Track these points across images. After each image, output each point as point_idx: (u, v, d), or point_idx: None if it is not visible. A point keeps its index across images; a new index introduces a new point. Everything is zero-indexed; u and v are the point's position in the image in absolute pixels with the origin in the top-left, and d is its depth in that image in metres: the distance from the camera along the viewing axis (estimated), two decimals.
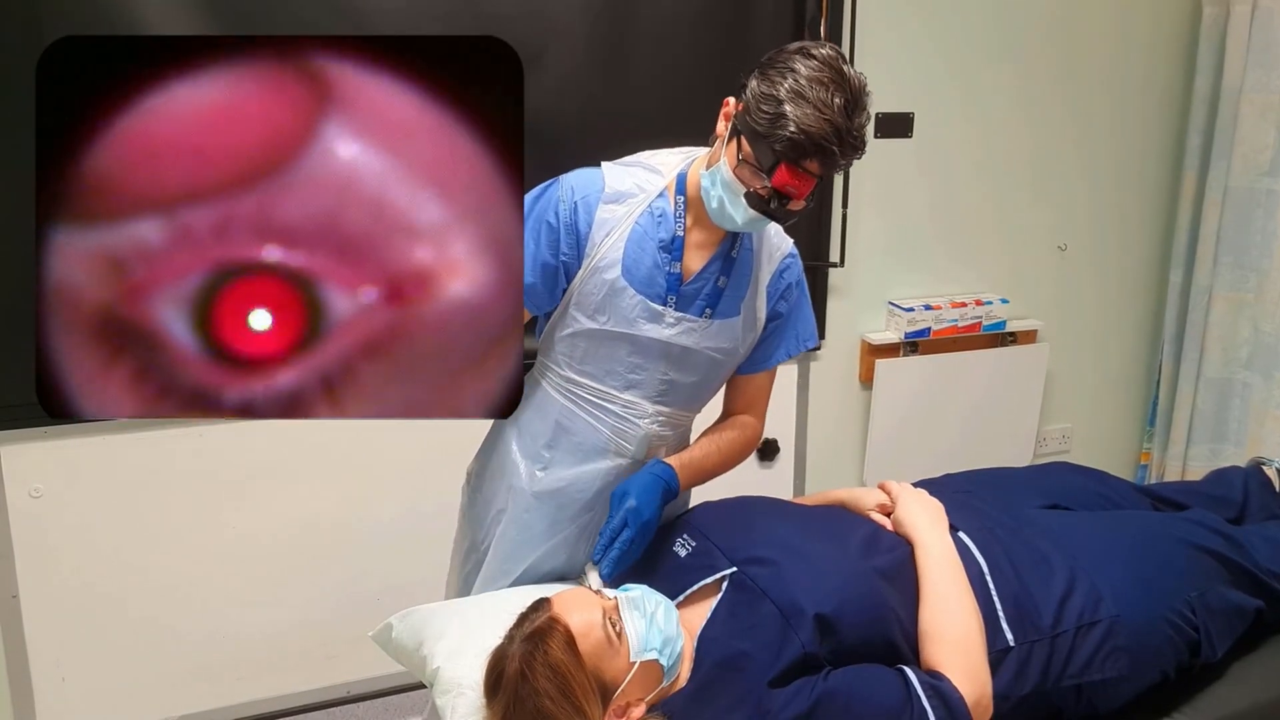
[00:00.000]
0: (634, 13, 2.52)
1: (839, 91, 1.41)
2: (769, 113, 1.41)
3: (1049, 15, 3.08)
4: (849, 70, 1.43)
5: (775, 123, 1.41)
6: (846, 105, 1.41)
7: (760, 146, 1.44)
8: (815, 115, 1.39)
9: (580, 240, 1.61)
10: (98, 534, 2.39)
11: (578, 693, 1.33)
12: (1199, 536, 1.70)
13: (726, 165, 1.50)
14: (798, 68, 1.42)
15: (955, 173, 3.09)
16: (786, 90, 1.40)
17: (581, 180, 1.65)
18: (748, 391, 1.81)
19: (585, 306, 1.63)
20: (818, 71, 1.41)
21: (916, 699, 1.36)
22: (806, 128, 1.39)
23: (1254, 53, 3.06)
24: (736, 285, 1.67)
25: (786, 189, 1.45)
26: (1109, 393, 3.56)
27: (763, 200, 1.48)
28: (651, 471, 1.65)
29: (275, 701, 2.64)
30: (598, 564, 1.57)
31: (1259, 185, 3.11)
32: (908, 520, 1.64)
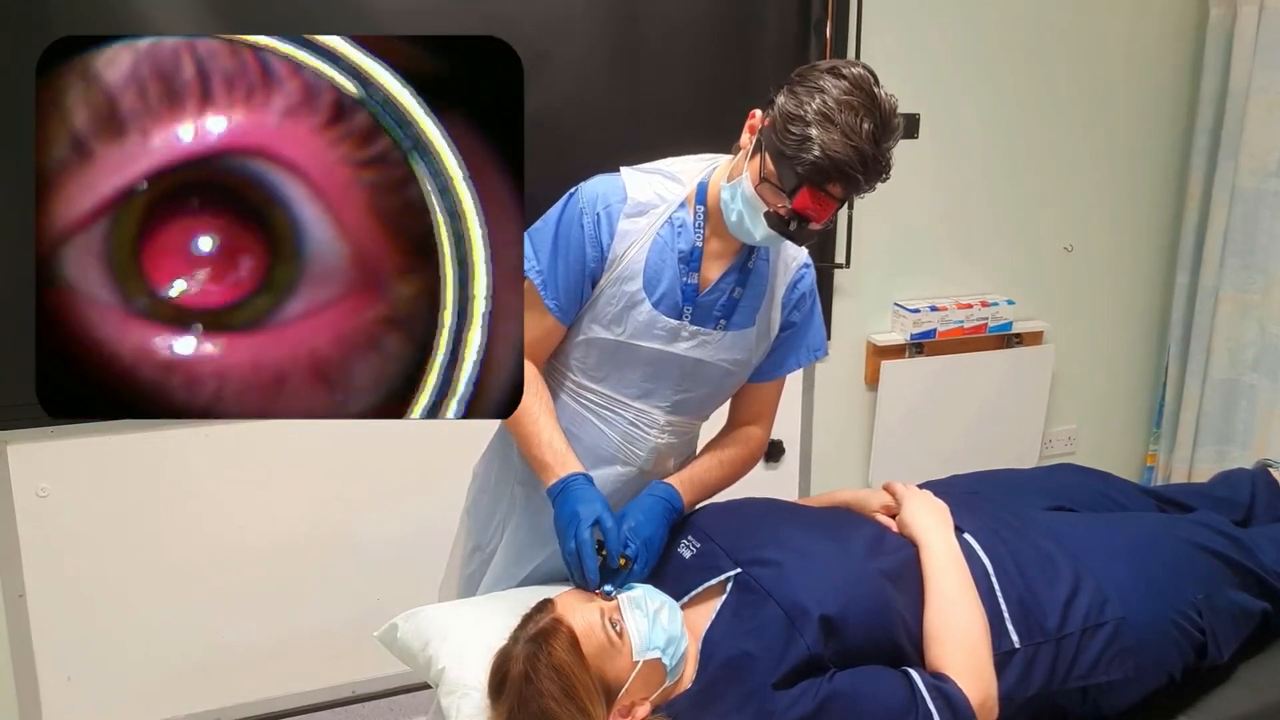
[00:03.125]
0: (640, 12, 2.52)
1: (868, 116, 1.37)
2: (795, 134, 1.38)
3: (1055, 16, 3.08)
4: (880, 93, 1.39)
5: (801, 145, 1.37)
6: (875, 131, 1.37)
7: (783, 167, 1.41)
8: (842, 141, 1.36)
9: (603, 251, 1.59)
10: (104, 534, 2.39)
11: (581, 693, 1.34)
12: (1205, 538, 1.69)
13: (749, 181, 1.47)
14: (827, 88, 1.38)
15: (961, 174, 3.09)
16: (814, 112, 1.37)
17: (602, 189, 1.61)
18: (756, 401, 1.80)
19: (602, 317, 1.62)
20: (847, 94, 1.37)
21: (921, 701, 1.36)
22: (833, 153, 1.36)
23: (1261, 53, 3.05)
24: (752, 296, 1.66)
25: (807, 212, 1.42)
26: (1115, 394, 3.56)
27: (782, 220, 1.45)
28: (653, 494, 1.64)
29: (280, 701, 2.64)
30: (610, 594, 1.50)
31: (1266, 186, 3.10)
32: (913, 521, 1.63)
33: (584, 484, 1.57)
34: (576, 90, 2.49)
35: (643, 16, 2.52)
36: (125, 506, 2.40)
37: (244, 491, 2.49)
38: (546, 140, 2.42)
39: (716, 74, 2.60)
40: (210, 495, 2.47)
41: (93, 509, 2.37)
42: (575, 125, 2.50)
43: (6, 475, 2.29)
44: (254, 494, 2.50)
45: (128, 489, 2.39)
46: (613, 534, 1.51)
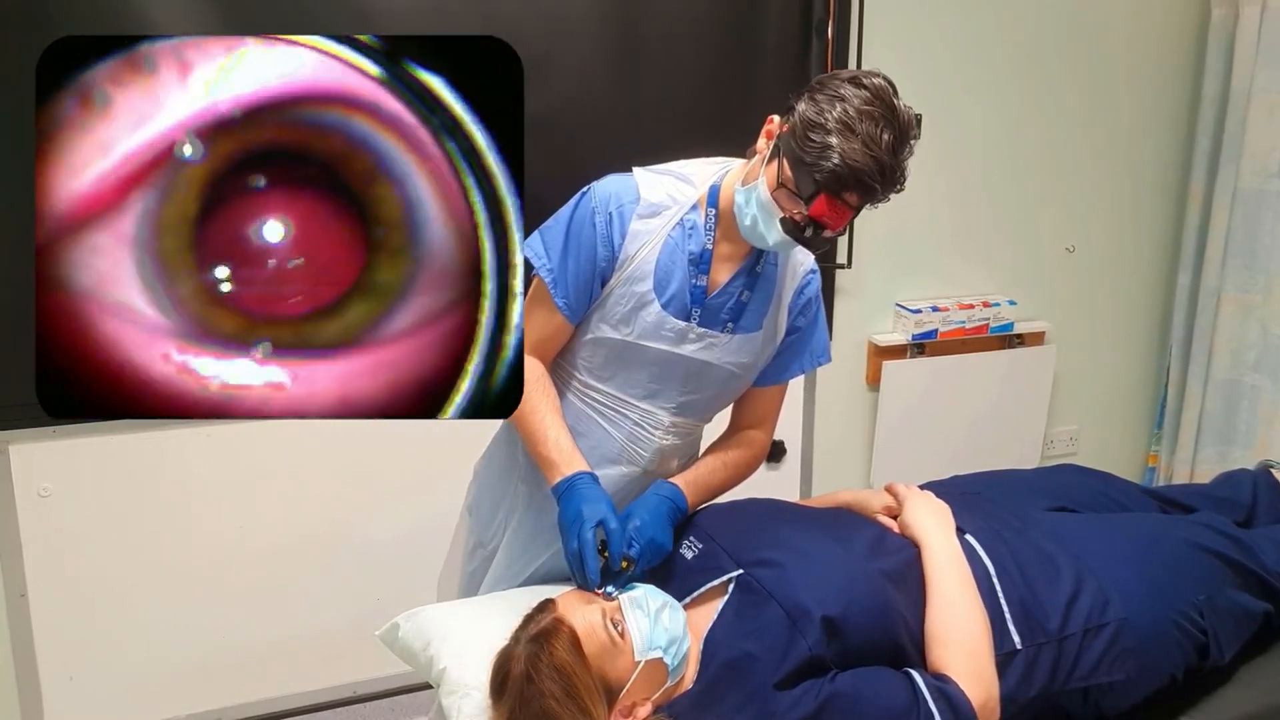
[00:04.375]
0: (641, 12, 2.52)
1: (888, 127, 1.38)
2: (815, 141, 1.38)
3: (1057, 17, 3.07)
4: (900, 104, 1.40)
5: (820, 153, 1.38)
6: (894, 142, 1.38)
7: (801, 174, 1.41)
8: (862, 151, 1.36)
9: (614, 251, 1.60)
10: (105, 534, 2.39)
11: (582, 693, 1.34)
12: (1207, 539, 1.69)
13: (764, 186, 1.48)
14: (848, 96, 1.38)
15: (963, 174, 3.09)
16: (835, 120, 1.37)
17: (615, 189, 1.62)
18: (759, 405, 1.80)
19: (610, 317, 1.62)
20: (868, 104, 1.38)
21: (923, 702, 1.36)
22: (852, 162, 1.37)
23: (1263, 54, 3.05)
24: (760, 300, 1.66)
25: (823, 219, 1.43)
26: (1117, 395, 3.55)
27: (797, 227, 1.46)
28: (658, 493, 1.64)
29: (281, 701, 2.64)
30: (611, 595, 1.50)
31: (1268, 187, 3.10)
32: (914, 522, 1.63)
33: (589, 483, 1.57)
34: (577, 91, 2.49)
35: (643, 17, 2.52)
36: (126, 506, 2.40)
37: (245, 491, 2.50)
38: (547, 141, 2.43)
39: (718, 75, 2.59)
40: (211, 495, 2.47)
41: (94, 509, 2.37)
42: (576, 126, 2.50)
43: (8, 475, 2.29)
44: (255, 494, 2.51)
45: (129, 489, 2.39)
46: (616, 535, 1.51)
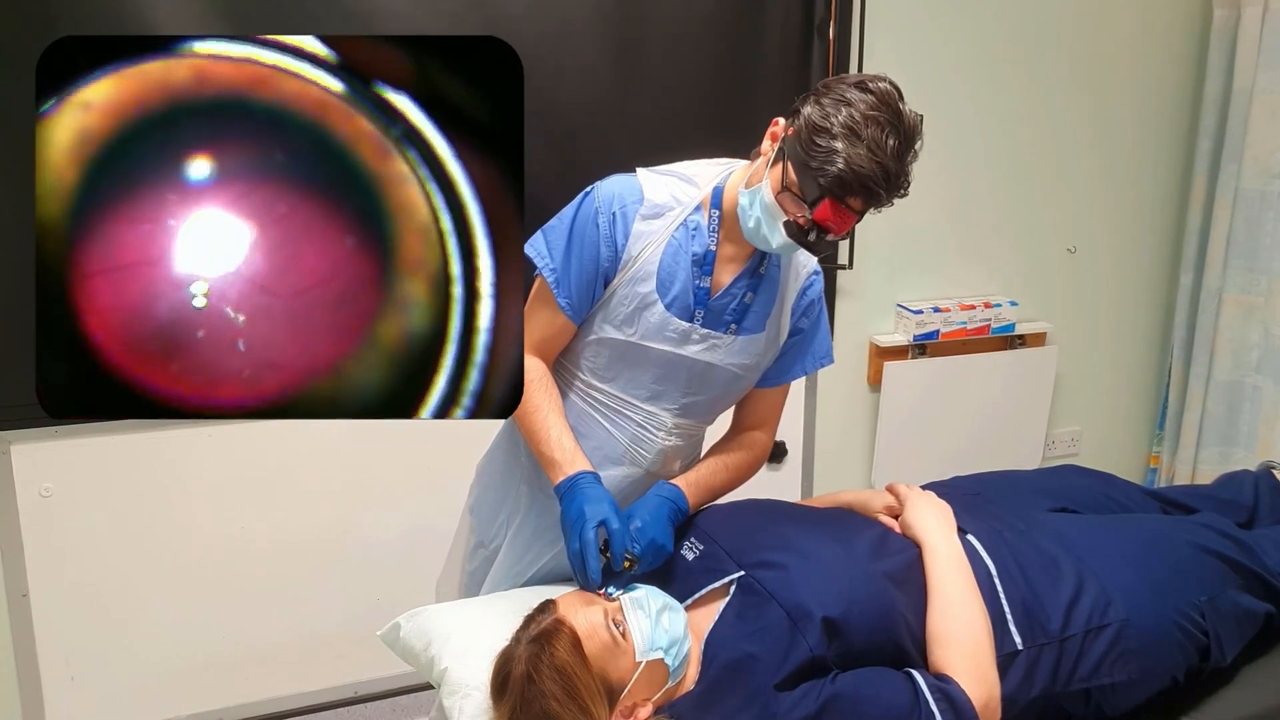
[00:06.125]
0: (642, 13, 2.51)
1: (894, 132, 1.38)
2: (821, 145, 1.39)
3: (1059, 17, 3.07)
4: (905, 109, 1.40)
5: (826, 157, 1.38)
6: (899, 147, 1.39)
7: (806, 177, 1.42)
8: (867, 156, 1.37)
9: (618, 251, 1.60)
10: (107, 533, 2.39)
11: (583, 694, 1.34)
12: (1209, 540, 1.69)
13: (769, 188, 1.48)
14: (854, 101, 1.39)
15: (964, 175, 3.08)
16: (840, 124, 1.38)
17: (619, 189, 1.61)
18: (761, 406, 1.80)
19: (614, 317, 1.62)
20: (874, 109, 1.38)
21: (924, 702, 1.36)
22: (857, 167, 1.37)
23: (1265, 54, 3.04)
24: (763, 302, 1.66)
25: (827, 223, 1.44)
26: (1118, 396, 3.55)
27: (801, 230, 1.46)
28: (659, 494, 1.64)
29: (282, 701, 2.64)
30: (612, 595, 1.50)
31: (1270, 188, 3.10)
32: (916, 523, 1.63)
33: (592, 483, 1.57)
34: (577, 91, 2.49)
35: (644, 18, 2.52)
36: (128, 506, 2.40)
37: (246, 491, 2.50)
38: (547, 141, 2.43)
39: (719, 76, 2.59)
40: (212, 495, 2.47)
41: (95, 509, 2.37)
42: (577, 126, 2.50)
43: (10, 475, 2.29)
44: (256, 494, 2.50)
45: (130, 489, 2.39)
46: (618, 536, 1.51)
